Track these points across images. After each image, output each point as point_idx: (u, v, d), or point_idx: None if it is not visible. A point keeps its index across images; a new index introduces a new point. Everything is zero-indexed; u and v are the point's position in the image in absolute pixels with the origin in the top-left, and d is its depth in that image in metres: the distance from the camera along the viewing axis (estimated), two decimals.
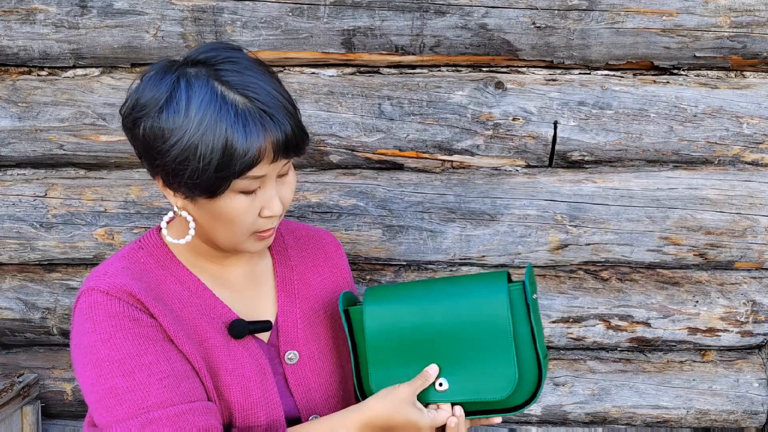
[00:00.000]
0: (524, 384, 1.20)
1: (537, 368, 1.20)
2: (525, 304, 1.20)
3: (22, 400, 1.79)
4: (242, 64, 1.15)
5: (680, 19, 1.66)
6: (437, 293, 1.22)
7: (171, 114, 1.11)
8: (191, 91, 1.11)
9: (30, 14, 1.67)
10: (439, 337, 1.20)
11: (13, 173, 1.78)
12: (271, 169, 1.15)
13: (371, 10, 1.66)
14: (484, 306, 1.19)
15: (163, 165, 1.13)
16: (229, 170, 1.10)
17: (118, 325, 1.14)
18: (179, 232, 1.25)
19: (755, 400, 1.88)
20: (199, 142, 1.09)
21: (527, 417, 1.89)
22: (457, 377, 1.20)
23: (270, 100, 1.13)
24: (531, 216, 1.77)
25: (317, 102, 1.72)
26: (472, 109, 1.72)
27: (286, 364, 1.29)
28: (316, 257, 1.41)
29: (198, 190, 1.13)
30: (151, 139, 1.12)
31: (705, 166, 1.77)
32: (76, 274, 1.83)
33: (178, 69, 1.14)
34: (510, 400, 1.20)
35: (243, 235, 1.19)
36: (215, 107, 1.09)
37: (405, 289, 1.27)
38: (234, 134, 1.09)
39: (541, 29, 1.67)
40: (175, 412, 1.12)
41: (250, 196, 1.15)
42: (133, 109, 1.15)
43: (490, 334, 1.18)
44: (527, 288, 1.20)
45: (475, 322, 1.19)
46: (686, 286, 1.83)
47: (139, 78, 1.17)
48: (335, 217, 1.77)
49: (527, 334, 1.19)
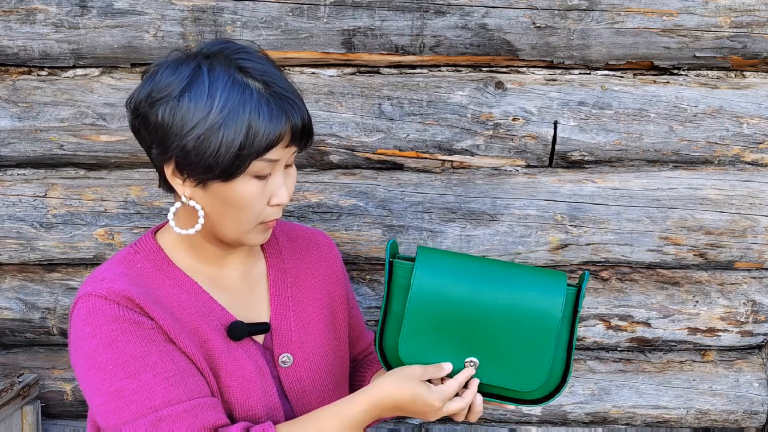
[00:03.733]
0: (548, 383, 1.23)
1: (563, 372, 1.22)
2: (574, 310, 1.22)
3: (22, 400, 1.79)
4: (255, 54, 1.19)
5: (680, 19, 1.66)
6: (493, 276, 1.22)
7: (194, 96, 1.12)
8: (213, 75, 1.13)
9: (30, 14, 1.67)
10: (483, 319, 1.19)
11: (13, 173, 1.78)
12: (284, 154, 1.18)
13: (371, 10, 1.66)
14: (538, 301, 1.19)
15: (182, 147, 1.13)
16: (251, 150, 1.13)
17: (119, 328, 1.14)
18: (185, 224, 1.24)
19: (755, 400, 1.88)
20: (223, 123, 1.11)
21: (527, 417, 1.90)
22: (489, 361, 1.20)
23: (287, 86, 1.18)
24: (531, 216, 1.77)
25: (317, 102, 1.72)
26: (472, 109, 1.72)
27: (281, 367, 1.29)
28: (311, 258, 1.41)
29: (216, 171, 1.13)
30: (170, 122, 1.13)
31: (705, 166, 1.77)
32: (76, 274, 1.83)
33: (196, 57, 1.17)
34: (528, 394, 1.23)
35: (251, 223, 1.20)
36: (238, 90, 1.12)
37: (460, 262, 1.24)
38: (258, 116, 1.12)
39: (541, 29, 1.67)
40: (184, 408, 1.12)
41: (262, 182, 1.18)
42: (151, 93, 1.15)
43: (535, 329, 1.19)
44: (581, 297, 1.21)
45: (525, 313, 1.19)
46: (686, 286, 1.83)
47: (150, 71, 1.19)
48: (335, 217, 1.77)
49: (566, 339, 1.22)
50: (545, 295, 1.20)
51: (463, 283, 1.21)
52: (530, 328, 1.19)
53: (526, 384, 1.20)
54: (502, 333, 1.19)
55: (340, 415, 1.16)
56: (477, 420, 1.91)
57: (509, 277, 1.22)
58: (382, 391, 1.16)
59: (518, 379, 1.20)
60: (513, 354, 1.20)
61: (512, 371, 1.20)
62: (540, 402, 1.23)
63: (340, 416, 1.16)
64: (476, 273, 1.22)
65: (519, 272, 1.23)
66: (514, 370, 1.20)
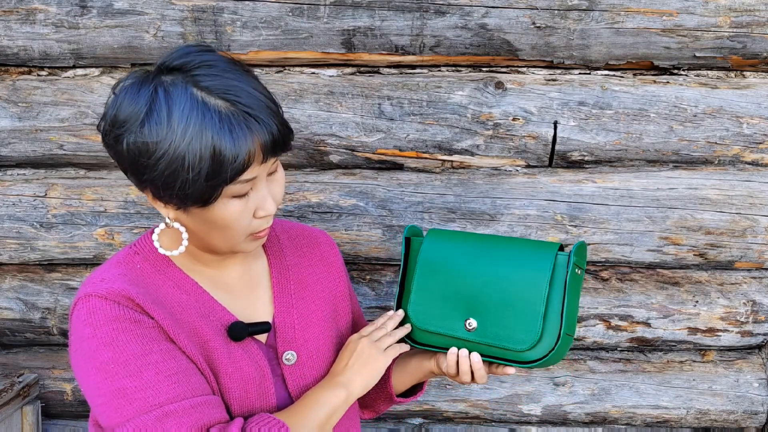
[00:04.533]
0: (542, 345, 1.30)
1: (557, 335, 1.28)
2: (566, 274, 1.29)
3: (22, 400, 1.79)
4: (218, 66, 1.12)
5: (680, 19, 1.66)
6: (492, 245, 1.35)
7: (153, 126, 1.08)
8: (171, 100, 1.08)
9: (30, 14, 1.67)
10: (482, 283, 1.32)
11: (13, 173, 1.78)
12: (262, 170, 1.14)
13: (371, 10, 1.66)
14: (529, 265, 1.30)
15: (152, 179, 1.11)
16: (220, 177, 1.09)
17: (120, 328, 1.14)
18: (172, 241, 1.24)
19: (755, 400, 1.88)
20: (186, 152, 1.07)
21: (527, 417, 1.90)
22: (486, 321, 1.31)
23: (252, 102, 1.11)
24: (531, 216, 1.77)
25: (317, 102, 1.72)
26: (472, 109, 1.72)
27: (284, 364, 1.29)
28: (312, 257, 1.41)
29: (190, 201, 1.12)
30: (136, 154, 1.10)
31: (705, 166, 1.77)
32: (76, 274, 1.83)
33: (153, 79, 1.11)
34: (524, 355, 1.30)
35: (240, 237, 1.19)
36: (198, 115, 1.07)
37: (465, 236, 1.40)
38: (221, 140, 1.07)
39: (541, 29, 1.67)
40: (190, 404, 1.12)
41: (243, 199, 1.15)
42: (113, 126, 1.12)
43: (526, 291, 1.29)
44: (571, 259, 1.29)
45: (517, 277, 1.30)
46: (686, 286, 1.83)
47: (113, 92, 1.14)
48: (335, 217, 1.77)
49: (558, 302, 1.29)
50: (535, 258, 1.31)
51: (466, 251, 1.35)
52: (522, 290, 1.30)
53: (520, 343, 1.29)
54: (498, 295, 1.31)
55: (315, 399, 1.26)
56: (477, 421, 1.91)
57: (506, 245, 1.35)
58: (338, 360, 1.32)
59: (513, 339, 1.29)
60: (508, 314, 1.30)
61: (508, 331, 1.29)
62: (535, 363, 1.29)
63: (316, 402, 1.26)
64: (478, 244, 1.36)
65: (516, 242, 1.37)
66: (510, 329, 1.29)
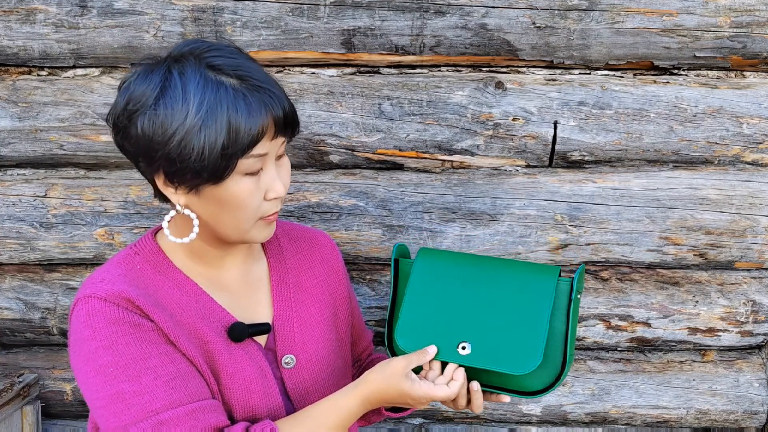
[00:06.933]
0: (544, 372, 1.25)
1: (561, 362, 1.24)
2: (569, 299, 1.26)
3: (22, 400, 1.79)
4: (226, 50, 1.16)
5: (680, 19, 1.66)
6: (488, 265, 1.30)
7: (169, 102, 1.10)
8: (185, 78, 1.11)
9: (30, 14, 1.67)
10: (477, 304, 1.26)
11: (13, 173, 1.78)
12: (272, 147, 1.16)
13: (371, 10, 1.66)
14: (530, 287, 1.26)
15: (166, 155, 1.12)
16: (235, 148, 1.11)
17: (119, 330, 1.14)
18: (180, 232, 1.24)
19: (755, 400, 1.88)
20: (202, 125, 1.09)
21: (527, 417, 1.90)
22: (482, 344, 1.23)
23: (263, 77, 1.15)
24: (531, 216, 1.77)
25: (317, 102, 1.72)
26: (472, 109, 1.72)
27: (284, 368, 1.29)
28: (312, 259, 1.41)
29: (205, 175, 1.12)
30: (150, 132, 1.11)
31: (705, 166, 1.77)
32: (76, 274, 1.83)
33: (165, 62, 1.14)
34: (526, 381, 1.24)
35: (250, 220, 1.19)
36: (213, 89, 1.10)
37: (457, 256, 1.34)
38: (237, 111, 1.10)
39: (541, 29, 1.67)
40: (185, 411, 1.12)
41: (254, 177, 1.16)
42: (126, 105, 1.13)
43: (528, 314, 1.24)
44: (574, 286, 1.26)
45: (517, 299, 1.25)
46: (686, 286, 1.83)
47: (122, 82, 1.17)
48: (335, 217, 1.77)
49: (561, 329, 1.26)
50: (537, 281, 1.27)
51: (459, 270, 1.30)
52: (523, 313, 1.24)
53: (521, 367, 1.21)
54: (496, 317, 1.25)
55: (337, 408, 1.19)
56: (478, 416, 1.91)
57: (504, 267, 1.30)
58: (371, 388, 1.20)
59: (513, 362, 1.22)
60: (507, 337, 1.23)
61: (507, 354, 1.22)
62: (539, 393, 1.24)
63: (338, 410, 1.19)
64: (472, 263, 1.31)
65: (514, 264, 1.32)
66: (509, 352, 1.22)
